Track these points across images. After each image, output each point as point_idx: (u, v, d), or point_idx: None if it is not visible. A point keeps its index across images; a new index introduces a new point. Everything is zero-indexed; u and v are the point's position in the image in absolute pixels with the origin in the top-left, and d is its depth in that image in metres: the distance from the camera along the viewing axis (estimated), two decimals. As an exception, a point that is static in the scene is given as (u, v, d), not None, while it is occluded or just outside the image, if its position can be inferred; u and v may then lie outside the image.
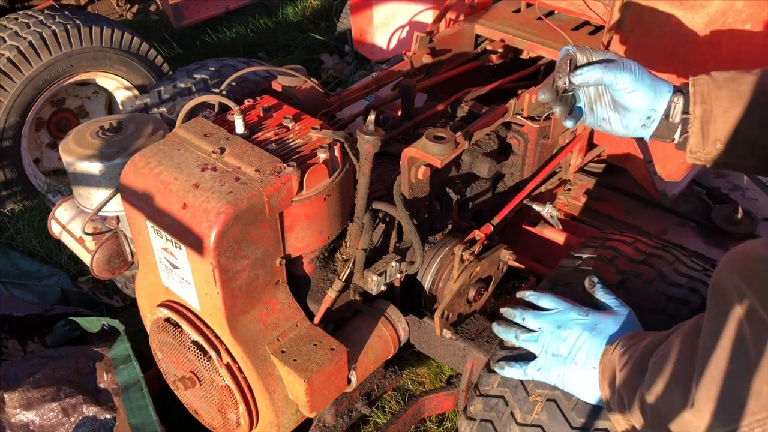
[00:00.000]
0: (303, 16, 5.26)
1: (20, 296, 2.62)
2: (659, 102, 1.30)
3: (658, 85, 1.30)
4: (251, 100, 1.65)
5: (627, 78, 1.28)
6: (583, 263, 1.60)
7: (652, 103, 1.30)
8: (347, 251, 1.65)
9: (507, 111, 1.89)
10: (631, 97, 1.30)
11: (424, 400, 2.15)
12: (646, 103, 1.30)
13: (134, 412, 1.98)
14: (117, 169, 1.72)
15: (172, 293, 1.56)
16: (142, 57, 3.37)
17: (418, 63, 2.22)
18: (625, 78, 1.28)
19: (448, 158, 1.56)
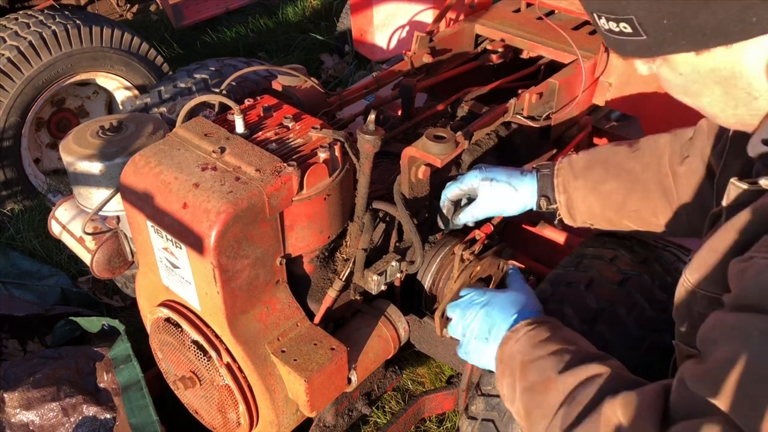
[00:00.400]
0: (303, 16, 5.26)
1: (20, 296, 2.62)
2: (528, 205, 1.55)
3: (522, 194, 1.54)
4: (251, 100, 1.65)
5: (494, 209, 1.56)
6: (583, 263, 1.60)
7: (522, 208, 1.56)
8: (347, 251, 1.65)
9: (507, 111, 1.90)
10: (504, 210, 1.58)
11: (424, 400, 2.15)
12: (515, 209, 1.57)
13: (134, 412, 1.98)
14: (117, 168, 1.72)
15: (173, 293, 1.56)
16: (142, 57, 3.37)
17: (418, 63, 2.22)
18: (492, 209, 1.56)
19: (448, 158, 1.56)
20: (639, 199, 1.43)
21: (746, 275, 0.76)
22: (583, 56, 2.04)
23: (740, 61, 0.80)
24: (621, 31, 0.83)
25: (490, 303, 1.35)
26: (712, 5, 0.74)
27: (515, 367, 1.18)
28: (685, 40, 0.79)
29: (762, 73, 0.80)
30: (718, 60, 0.81)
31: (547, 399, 1.08)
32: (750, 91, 0.83)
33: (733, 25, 0.75)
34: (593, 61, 2.06)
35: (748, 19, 0.74)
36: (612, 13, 0.82)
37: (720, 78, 0.83)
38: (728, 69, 0.82)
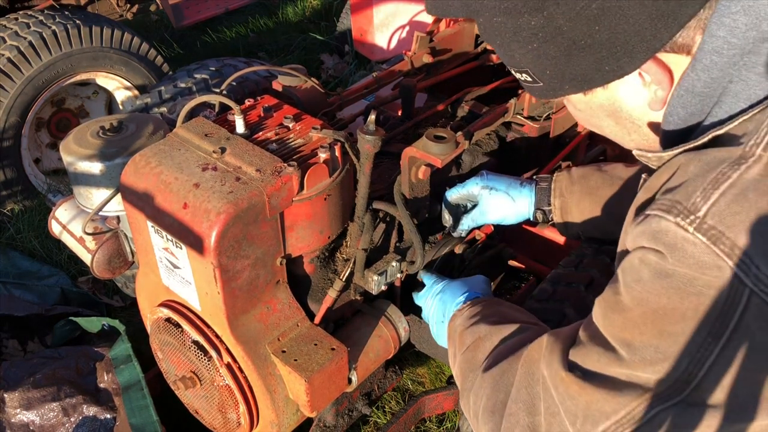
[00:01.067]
0: (303, 16, 5.26)
1: (20, 296, 2.62)
2: (525, 215, 1.63)
3: (519, 205, 1.62)
4: (252, 100, 1.65)
5: (492, 217, 1.64)
6: (583, 263, 1.60)
7: (519, 218, 1.64)
8: (348, 251, 1.65)
9: (507, 111, 1.90)
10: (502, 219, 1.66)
11: (425, 400, 2.15)
12: (513, 219, 1.65)
13: (135, 412, 1.98)
14: (117, 168, 1.71)
15: (173, 293, 1.56)
16: (142, 57, 3.37)
17: (419, 63, 2.22)
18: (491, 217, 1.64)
19: (448, 158, 1.56)
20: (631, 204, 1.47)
21: (631, 226, 0.90)
22: (583, 56, 2.03)
23: (617, 98, 0.95)
24: (525, 80, 0.99)
25: (444, 289, 1.50)
26: (575, 59, 0.89)
27: (456, 337, 1.33)
28: (568, 85, 0.94)
29: (636, 105, 0.95)
30: (600, 98, 0.96)
31: (476, 355, 1.21)
32: (633, 120, 0.98)
33: (594, 73, 0.91)
34: (593, 61, 2.06)
35: (603, 69, 0.90)
36: (513, 66, 0.98)
37: (608, 111, 0.98)
38: (610, 104, 0.97)
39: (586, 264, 1.60)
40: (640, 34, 0.85)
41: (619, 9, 0.83)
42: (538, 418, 1.00)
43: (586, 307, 1.46)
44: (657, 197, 0.89)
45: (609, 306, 0.92)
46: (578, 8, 0.84)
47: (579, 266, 1.61)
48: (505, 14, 0.89)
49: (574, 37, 0.87)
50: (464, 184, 1.67)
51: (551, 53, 0.90)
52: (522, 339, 1.18)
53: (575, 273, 1.58)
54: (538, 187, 1.61)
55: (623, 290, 0.89)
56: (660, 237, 0.83)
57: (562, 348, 0.99)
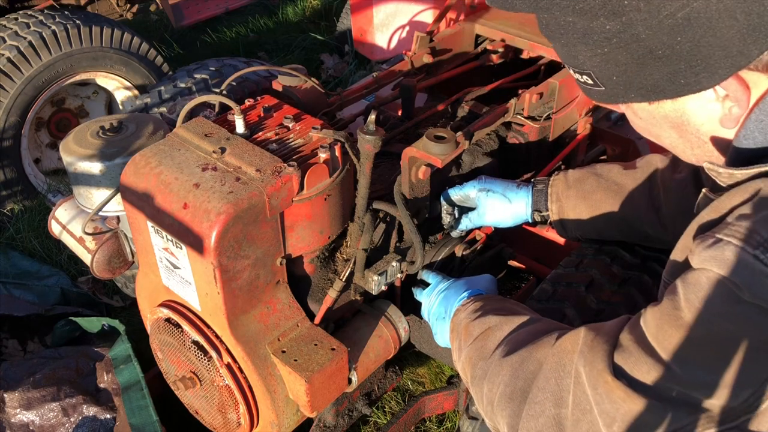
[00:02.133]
0: (303, 16, 5.26)
1: (20, 296, 2.61)
2: (522, 217, 1.63)
3: (516, 206, 1.61)
4: (252, 100, 1.65)
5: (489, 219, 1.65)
6: (584, 263, 1.60)
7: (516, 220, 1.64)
8: (348, 251, 1.65)
9: (507, 111, 1.89)
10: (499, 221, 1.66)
11: (425, 400, 2.15)
12: (510, 221, 1.65)
13: (134, 412, 1.98)
14: (117, 168, 1.72)
15: (173, 293, 1.56)
16: (142, 57, 3.37)
17: (419, 63, 2.22)
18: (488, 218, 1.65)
19: (448, 158, 1.56)
20: (626, 210, 1.49)
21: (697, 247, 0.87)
22: (583, 56, 2.03)
23: (685, 111, 0.91)
24: (585, 82, 0.95)
25: (449, 287, 1.50)
26: (648, 69, 0.86)
27: (461, 330, 1.32)
28: (634, 93, 0.91)
29: (705, 120, 0.91)
30: (666, 109, 0.92)
31: (486, 344, 1.20)
32: (699, 135, 0.94)
33: (666, 86, 0.87)
34: (593, 61, 2.06)
35: (678, 81, 0.85)
36: (575, 67, 0.94)
37: (673, 124, 0.95)
38: (677, 117, 0.93)
39: (587, 264, 1.60)
40: (725, 49, 0.81)
41: (707, 21, 0.79)
42: (564, 411, 0.98)
43: (587, 306, 1.47)
44: (730, 221, 0.85)
45: (667, 319, 0.89)
46: (661, 16, 0.80)
47: (579, 266, 1.61)
48: (578, 14, 0.85)
49: (652, 46, 0.83)
50: (462, 186, 1.67)
51: (622, 60, 0.86)
52: (536, 328, 1.16)
53: (575, 273, 1.58)
54: (535, 190, 1.61)
55: (685, 306, 0.86)
56: (736, 269, 0.80)
57: (605, 348, 0.96)
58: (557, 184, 1.59)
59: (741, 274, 0.79)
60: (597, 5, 0.82)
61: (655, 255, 1.59)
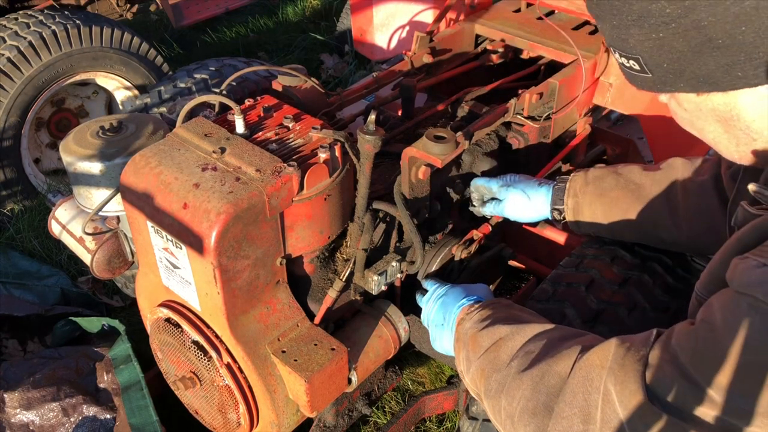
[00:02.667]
0: (303, 16, 5.26)
1: (20, 296, 2.61)
2: (543, 214, 1.64)
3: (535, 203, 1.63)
4: (251, 100, 1.65)
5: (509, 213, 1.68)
6: (584, 263, 1.60)
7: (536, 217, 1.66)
8: (348, 251, 1.65)
9: (507, 111, 1.89)
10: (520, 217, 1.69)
11: (425, 400, 2.15)
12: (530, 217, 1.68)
13: (134, 412, 1.98)
14: (117, 168, 1.72)
15: (173, 293, 1.56)
16: (142, 57, 3.37)
17: (419, 63, 2.22)
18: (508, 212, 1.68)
19: (448, 158, 1.56)
20: (641, 210, 1.48)
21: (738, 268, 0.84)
22: (583, 56, 2.04)
23: (737, 105, 0.87)
24: (631, 67, 0.91)
25: (447, 293, 1.48)
26: (704, 58, 0.82)
27: (468, 340, 1.28)
28: (683, 83, 0.87)
29: (758, 117, 0.87)
30: (716, 102, 0.88)
31: (499, 356, 1.17)
32: (748, 132, 0.90)
33: (721, 77, 0.83)
34: (593, 61, 2.06)
35: (734, 73, 0.82)
36: (623, 50, 0.90)
37: (720, 118, 0.90)
38: (726, 111, 0.89)
39: (587, 264, 1.60)
40: None
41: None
42: (592, 427, 0.96)
43: (587, 306, 1.47)
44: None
45: (703, 344, 0.86)
46: (728, 3, 0.76)
47: (579, 266, 1.61)
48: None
49: (712, 35, 0.79)
50: (489, 179, 1.73)
51: (677, 47, 0.82)
52: (551, 338, 1.14)
53: (575, 273, 1.58)
54: (556, 187, 1.62)
55: (724, 332, 0.83)
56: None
57: (637, 368, 0.93)
58: (576, 180, 1.59)
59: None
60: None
61: (656, 255, 1.59)
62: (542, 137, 2.01)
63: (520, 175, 1.71)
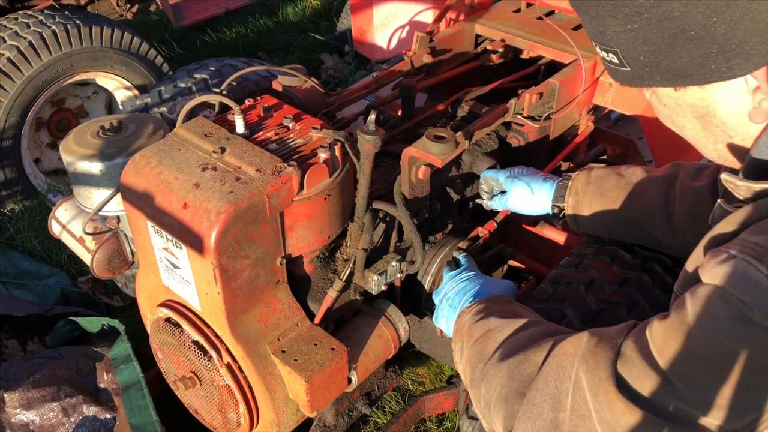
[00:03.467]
0: (303, 16, 5.26)
1: (20, 296, 2.61)
2: (545, 209, 1.65)
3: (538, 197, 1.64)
4: (252, 100, 1.65)
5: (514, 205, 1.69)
6: (583, 263, 1.60)
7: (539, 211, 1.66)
8: (348, 251, 1.65)
9: (507, 111, 1.90)
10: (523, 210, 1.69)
11: (425, 400, 2.15)
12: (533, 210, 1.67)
13: (134, 412, 1.98)
14: (117, 168, 1.72)
15: (173, 293, 1.56)
16: (142, 57, 3.37)
17: (419, 63, 2.22)
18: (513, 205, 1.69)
19: (448, 158, 1.56)
20: (640, 211, 1.49)
21: (709, 260, 0.84)
22: (583, 56, 2.04)
23: (713, 101, 0.87)
24: (611, 61, 0.92)
25: (472, 280, 1.47)
26: (678, 50, 0.82)
27: (464, 332, 1.30)
28: (660, 76, 0.87)
29: (733, 113, 0.87)
30: (693, 97, 0.89)
31: (486, 347, 1.19)
32: (725, 129, 0.90)
33: (696, 70, 0.83)
34: (593, 61, 2.06)
35: (708, 66, 0.82)
36: (602, 43, 0.90)
37: (698, 114, 0.91)
38: (703, 106, 0.89)
39: (587, 264, 1.60)
40: (762, 35, 0.77)
41: (746, 2, 0.75)
42: (562, 415, 0.97)
43: (587, 306, 1.47)
44: (744, 237, 0.82)
45: (673, 333, 0.86)
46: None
47: (579, 266, 1.61)
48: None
49: (684, 25, 0.79)
50: (497, 171, 1.74)
51: (652, 38, 0.83)
52: (536, 331, 1.16)
53: (575, 273, 1.58)
54: (559, 184, 1.63)
55: (693, 322, 0.83)
56: (747, 288, 0.77)
57: (608, 356, 0.94)
58: (579, 179, 1.60)
59: (753, 294, 0.77)
60: None
61: (655, 255, 1.59)
62: (542, 137, 2.01)
63: (527, 168, 1.72)
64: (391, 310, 1.71)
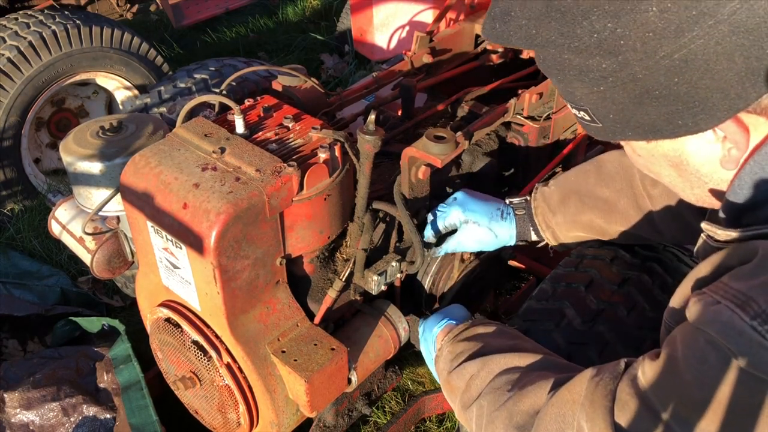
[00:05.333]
0: (303, 16, 5.26)
1: (20, 296, 2.62)
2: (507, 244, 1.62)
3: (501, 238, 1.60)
4: (251, 100, 1.65)
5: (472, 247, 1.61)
6: (583, 263, 1.60)
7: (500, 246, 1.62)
8: (347, 251, 1.65)
9: (507, 111, 1.90)
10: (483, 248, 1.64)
11: (425, 400, 2.15)
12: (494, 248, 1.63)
13: (134, 412, 1.98)
14: (117, 168, 1.72)
15: (173, 293, 1.56)
16: (142, 57, 3.37)
17: (419, 63, 2.22)
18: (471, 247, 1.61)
19: (448, 158, 1.56)
20: (620, 223, 1.49)
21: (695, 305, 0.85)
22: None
23: (684, 151, 0.90)
24: (582, 118, 0.94)
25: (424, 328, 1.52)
26: (645, 108, 0.84)
27: (444, 383, 1.34)
28: (631, 132, 0.89)
29: (705, 161, 0.90)
30: (666, 148, 0.91)
31: (472, 395, 1.21)
32: (699, 176, 0.93)
33: (664, 126, 0.85)
34: (593, 61, 2.06)
35: (675, 122, 0.84)
36: (572, 102, 0.93)
37: (672, 162, 0.93)
38: (676, 156, 0.91)
39: (586, 264, 1.60)
40: (723, 92, 0.79)
41: (705, 63, 0.77)
42: None
43: (587, 307, 1.47)
44: (726, 281, 0.83)
45: (665, 377, 0.87)
46: (658, 57, 0.78)
47: (579, 266, 1.61)
48: (574, 53, 0.83)
49: (648, 86, 0.81)
50: (445, 212, 1.61)
51: (619, 98, 0.85)
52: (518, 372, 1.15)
53: (575, 273, 1.58)
54: (518, 217, 1.59)
55: (683, 366, 0.84)
56: (733, 336, 0.78)
57: (605, 404, 0.93)
58: (540, 211, 1.57)
59: (738, 342, 0.78)
60: (593, 44, 0.81)
61: (655, 255, 1.59)
62: (542, 137, 2.01)
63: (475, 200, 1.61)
64: (391, 310, 1.71)
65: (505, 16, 0.88)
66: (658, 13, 0.76)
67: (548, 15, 0.83)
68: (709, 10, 0.74)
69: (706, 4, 0.74)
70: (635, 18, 0.77)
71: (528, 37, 0.86)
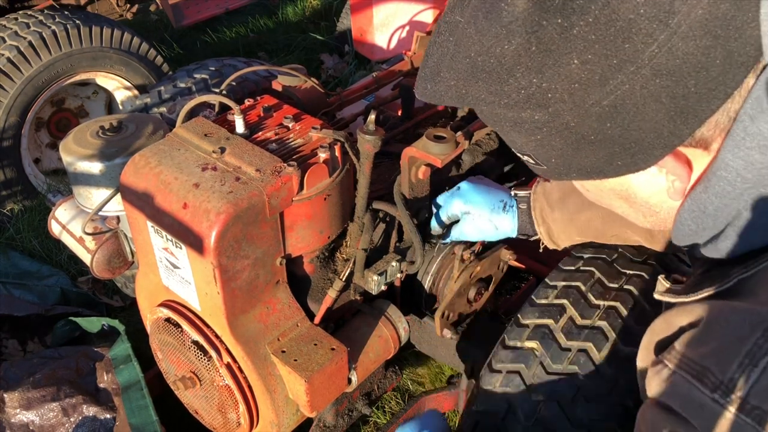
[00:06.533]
0: (303, 16, 5.26)
1: (20, 296, 2.62)
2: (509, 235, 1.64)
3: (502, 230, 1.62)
4: (251, 100, 1.65)
5: (475, 237, 1.66)
6: (584, 263, 1.60)
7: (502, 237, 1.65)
8: (348, 251, 1.65)
9: (507, 111, 1.89)
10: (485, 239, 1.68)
11: (425, 400, 2.15)
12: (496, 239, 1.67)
13: (134, 412, 1.98)
14: (117, 168, 1.72)
15: (173, 293, 1.56)
16: (142, 57, 3.37)
17: (419, 63, 2.22)
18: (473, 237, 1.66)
19: (448, 158, 1.56)
20: (617, 225, 1.49)
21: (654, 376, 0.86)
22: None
23: (631, 185, 0.90)
24: (528, 161, 0.95)
25: None
26: (584, 152, 0.85)
27: None
28: (575, 173, 0.90)
29: (652, 193, 0.90)
30: (612, 183, 0.92)
31: None
32: (649, 207, 0.93)
33: (605, 167, 0.86)
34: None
35: (615, 163, 0.85)
36: (515, 149, 0.94)
37: (620, 196, 0.94)
38: (623, 190, 0.92)
39: (586, 264, 1.60)
40: (656, 131, 0.80)
41: (633, 107, 0.78)
42: None
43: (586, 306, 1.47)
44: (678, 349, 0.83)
45: None
46: (587, 105, 0.79)
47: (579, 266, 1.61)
48: (505, 108, 0.84)
49: (583, 133, 0.82)
50: (447, 204, 1.65)
51: (557, 145, 0.86)
52: None
53: (575, 273, 1.58)
54: (520, 211, 1.61)
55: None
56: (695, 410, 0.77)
57: None
58: (538, 203, 1.58)
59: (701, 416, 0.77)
60: (522, 99, 0.81)
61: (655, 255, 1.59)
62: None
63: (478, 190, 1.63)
64: (391, 310, 1.71)
65: (435, 77, 0.88)
66: (580, 65, 0.76)
67: (474, 75, 0.83)
68: (629, 57, 0.74)
69: (626, 52, 0.74)
70: (559, 71, 0.77)
71: (459, 96, 0.87)
